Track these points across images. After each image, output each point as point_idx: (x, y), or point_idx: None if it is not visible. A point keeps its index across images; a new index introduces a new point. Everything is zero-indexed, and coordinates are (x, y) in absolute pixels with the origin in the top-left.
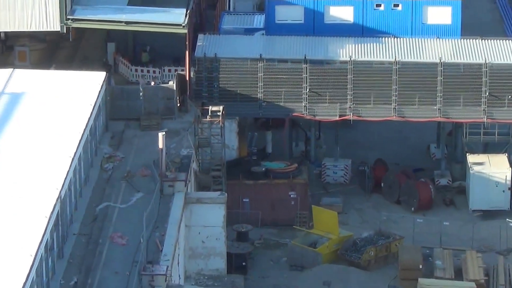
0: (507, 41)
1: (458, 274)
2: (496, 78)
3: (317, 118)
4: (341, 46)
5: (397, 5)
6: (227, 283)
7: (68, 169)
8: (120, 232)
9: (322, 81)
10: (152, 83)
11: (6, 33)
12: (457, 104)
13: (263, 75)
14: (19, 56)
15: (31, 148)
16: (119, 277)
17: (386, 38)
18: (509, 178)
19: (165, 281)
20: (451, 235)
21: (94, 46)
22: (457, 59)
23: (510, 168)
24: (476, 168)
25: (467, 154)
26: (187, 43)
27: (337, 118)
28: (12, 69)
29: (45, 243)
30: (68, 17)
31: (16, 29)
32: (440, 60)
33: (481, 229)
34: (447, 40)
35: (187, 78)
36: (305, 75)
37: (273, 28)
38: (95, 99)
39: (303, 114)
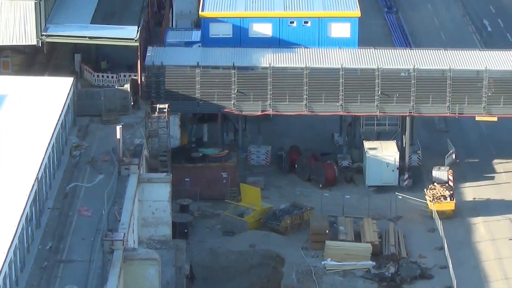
0: (394, 50)
1: (357, 237)
2: (386, 80)
3: (244, 113)
4: (262, 55)
5: (307, 22)
6: (172, 246)
7: (43, 156)
8: (86, 206)
9: (247, 84)
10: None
11: None
12: (355, 101)
13: (200, 79)
14: (3, 65)
15: (13, 138)
16: (85, 242)
17: (298, 49)
18: (397, 160)
19: (123, 245)
20: (352, 206)
21: (63, 57)
22: (355, 65)
23: (398, 152)
24: (371, 152)
25: (364, 141)
26: (138, 53)
27: (260, 113)
28: None
29: (25, 215)
30: (42, 33)
31: (0, 43)
32: (342, 66)
33: (375, 201)
34: (347, 49)
35: (139, 82)
36: (233, 79)
37: (207, 41)
38: (65, 99)
39: (232, 110)
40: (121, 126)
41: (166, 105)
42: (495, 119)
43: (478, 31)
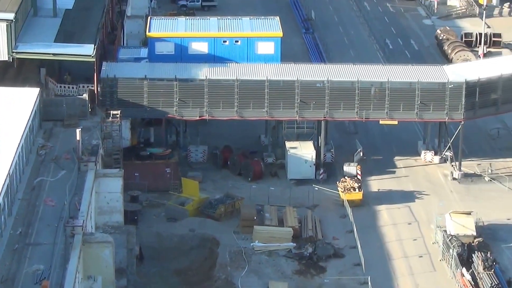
0: (311, 65)
1: (281, 222)
2: (304, 90)
3: (184, 118)
4: (200, 69)
5: (238, 41)
6: (124, 231)
7: (14, 155)
8: (50, 197)
9: (187, 93)
10: None
11: None
12: (278, 107)
13: (147, 89)
14: None
15: None
16: (50, 228)
17: (230, 64)
18: (314, 157)
19: (82, 230)
20: (276, 196)
21: (31, 70)
22: (278, 77)
23: (314, 151)
24: (292, 150)
25: (285, 141)
26: (95, 68)
27: (197, 118)
28: None
29: None
30: (13, 50)
31: None
32: (267, 78)
33: (296, 192)
34: (271, 64)
35: (95, 92)
36: (175, 89)
37: (153, 58)
38: (32, 107)
39: (175, 115)
40: (80, 129)
41: (119, 112)
42: (395, 122)
43: (381, 49)
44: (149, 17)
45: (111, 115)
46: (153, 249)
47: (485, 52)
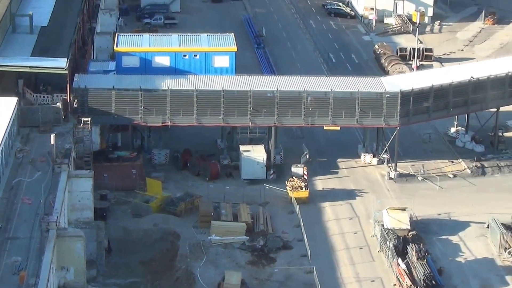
0: (262, 76)
1: (235, 218)
2: (256, 99)
3: (148, 124)
4: (162, 81)
5: (196, 55)
6: (94, 226)
7: None
8: (27, 196)
9: (150, 102)
10: None
11: None
12: (233, 114)
13: (115, 98)
14: None
15: None
16: (27, 223)
17: (190, 76)
18: (265, 159)
19: (56, 225)
20: (231, 194)
21: (9, 82)
22: (233, 87)
23: (265, 153)
24: (245, 153)
25: (239, 145)
26: (68, 79)
27: (160, 124)
28: None
29: None
30: None
31: None
32: (222, 88)
33: (248, 190)
34: (226, 76)
35: (68, 101)
36: (140, 98)
37: (121, 70)
38: (11, 114)
39: (140, 122)
40: (54, 134)
41: (89, 119)
42: (338, 128)
43: (325, 62)
44: (116, 34)
45: (82, 122)
46: (120, 242)
47: (418, 65)
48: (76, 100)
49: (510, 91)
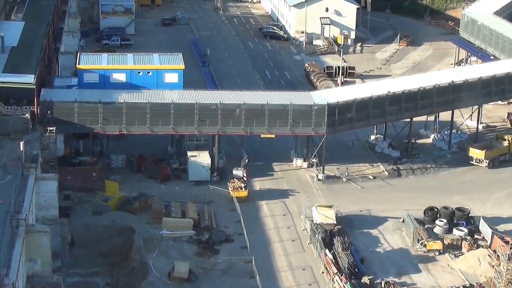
0: (207, 91)
1: (184, 215)
2: (202, 110)
3: (107, 132)
4: (119, 95)
5: (149, 72)
6: (59, 223)
7: None
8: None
9: (109, 113)
10: None
11: None
12: (181, 124)
13: (77, 110)
14: None
15: None
16: None
17: (144, 90)
18: (209, 163)
19: (25, 222)
20: (180, 194)
21: None
22: (181, 101)
23: (210, 158)
24: (192, 158)
25: (187, 151)
26: (35, 93)
27: (118, 132)
28: None
29: None
30: None
31: None
32: (172, 101)
33: (195, 190)
34: (176, 91)
35: (36, 112)
36: (100, 110)
37: (82, 85)
38: None
39: (99, 130)
40: (23, 142)
41: (54, 128)
42: (273, 136)
43: (262, 78)
44: (78, 53)
45: (48, 131)
46: (82, 236)
47: (342, 81)
48: (42, 112)
49: (421, 103)
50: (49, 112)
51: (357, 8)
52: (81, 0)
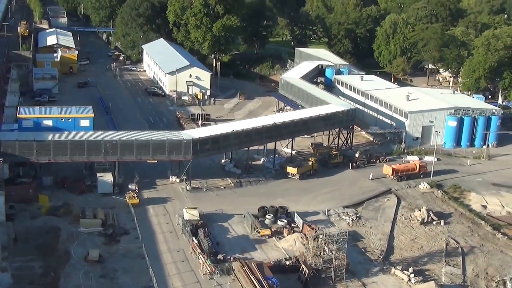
0: (110, 132)
1: (95, 217)
2: (107, 145)
3: (39, 161)
4: (48, 135)
5: (69, 119)
6: (5, 225)
7: None
8: None
9: (41, 147)
10: None
11: None
12: (92, 154)
13: (18, 146)
14: None
15: None
16: None
17: (65, 132)
18: (112, 181)
19: None
20: (92, 202)
21: None
22: (93, 138)
23: (113, 178)
24: (100, 177)
25: (97, 172)
26: None
27: (47, 161)
28: None
29: None
30: None
31: None
32: (85, 139)
33: (103, 200)
34: (88, 132)
35: None
36: (34, 146)
37: (22, 129)
38: None
39: (34, 160)
40: None
41: (2, 159)
42: (155, 161)
43: (148, 122)
44: (18, 107)
45: None
46: (22, 234)
47: (202, 124)
48: None
49: (255, 137)
50: None
51: (211, 74)
52: (20, 69)
